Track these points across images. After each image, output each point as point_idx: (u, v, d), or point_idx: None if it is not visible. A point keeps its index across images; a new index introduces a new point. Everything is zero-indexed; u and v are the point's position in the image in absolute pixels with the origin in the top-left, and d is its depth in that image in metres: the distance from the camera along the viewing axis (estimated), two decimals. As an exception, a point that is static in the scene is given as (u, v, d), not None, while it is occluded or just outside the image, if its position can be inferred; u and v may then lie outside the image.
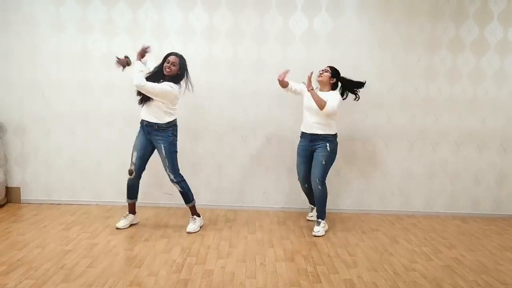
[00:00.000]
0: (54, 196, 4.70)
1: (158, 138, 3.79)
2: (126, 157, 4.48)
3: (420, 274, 3.24)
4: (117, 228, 3.93)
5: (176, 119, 3.89)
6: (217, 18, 4.51)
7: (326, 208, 4.09)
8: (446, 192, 4.88)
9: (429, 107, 4.73)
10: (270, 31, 4.56)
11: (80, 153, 4.66)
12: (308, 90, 3.90)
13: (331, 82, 4.02)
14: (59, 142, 4.64)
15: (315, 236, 3.95)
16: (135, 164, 3.88)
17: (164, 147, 3.79)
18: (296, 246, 3.73)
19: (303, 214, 4.65)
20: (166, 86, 3.65)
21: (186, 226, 4.03)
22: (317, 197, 4.05)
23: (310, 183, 4.11)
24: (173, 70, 3.70)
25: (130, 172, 3.90)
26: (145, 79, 3.62)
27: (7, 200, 4.64)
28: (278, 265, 3.30)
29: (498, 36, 4.65)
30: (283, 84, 4.09)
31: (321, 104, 3.82)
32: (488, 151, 4.84)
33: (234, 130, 4.68)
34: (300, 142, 4.19)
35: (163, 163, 3.86)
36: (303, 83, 3.98)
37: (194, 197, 4.04)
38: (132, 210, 4.05)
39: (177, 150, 3.90)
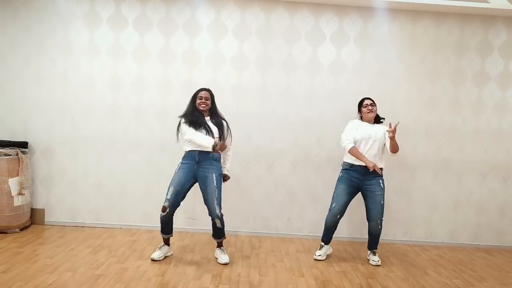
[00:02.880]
0: (78, 218, 4.68)
1: (209, 168, 3.70)
2: (151, 181, 4.51)
3: (457, 308, 3.18)
4: (152, 260, 3.76)
5: None
6: (247, 46, 4.58)
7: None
8: (471, 224, 4.84)
9: (454, 137, 4.74)
10: (299, 60, 4.61)
11: (106, 177, 4.66)
12: (390, 137, 3.80)
13: None
14: (86, 165, 4.64)
15: (376, 265, 4.00)
16: (169, 201, 3.67)
17: (215, 177, 3.68)
18: (326, 276, 3.67)
19: (328, 242, 4.61)
20: (227, 127, 3.87)
21: (212, 252, 3.98)
22: (376, 236, 4.05)
23: (342, 215, 4.01)
24: (208, 104, 3.78)
25: (164, 209, 3.66)
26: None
27: (31, 222, 4.62)
28: (312, 295, 3.25)
29: (523, 70, 4.71)
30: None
31: (398, 146, 3.86)
32: (513, 183, 4.83)
33: (260, 157, 4.69)
34: (350, 172, 3.99)
35: (209, 196, 3.65)
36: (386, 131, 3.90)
37: None
38: (167, 242, 3.93)
39: None
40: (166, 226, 3.79)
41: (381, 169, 3.92)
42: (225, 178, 3.92)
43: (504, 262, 4.40)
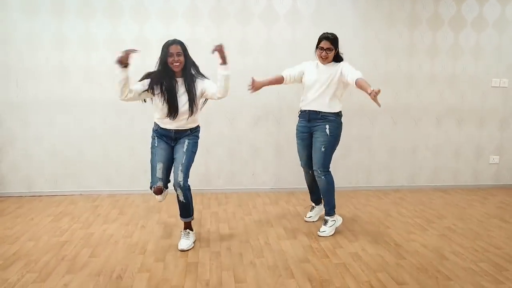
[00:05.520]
0: (35, 188, 4.51)
1: (185, 138, 3.24)
2: (109, 143, 4.40)
3: (420, 244, 3.35)
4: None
5: None
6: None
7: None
8: (429, 166, 5.06)
9: (411, 83, 4.85)
10: (254, 9, 4.51)
11: (60, 142, 4.49)
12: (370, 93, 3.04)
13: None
14: (37, 131, 4.43)
15: (320, 236, 3.47)
16: (162, 180, 3.24)
17: (188, 142, 3.21)
18: (295, 225, 3.76)
19: (293, 194, 4.71)
20: (209, 82, 3.22)
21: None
22: (321, 188, 3.57)
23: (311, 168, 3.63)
24: (182, 61, 3.09)
25: (159, 191, 3.26)
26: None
27: (-17, 195, 4.42)
28: (283, 244, 3.32)
29: (475, 13, 4.82)
30: (257, 88, 3.55)
31: (366, 83, 3.17)
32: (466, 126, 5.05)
33: (221, 113, 4.64)
34: (299, 121, 3.67)
35: (176, 161, 3.19)
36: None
37: None
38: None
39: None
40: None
41: (336, 113, 3.47)
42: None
43: (460, 199, 4.66)
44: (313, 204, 3.91)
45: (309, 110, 3.53)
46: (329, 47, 3.42)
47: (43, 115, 4.41)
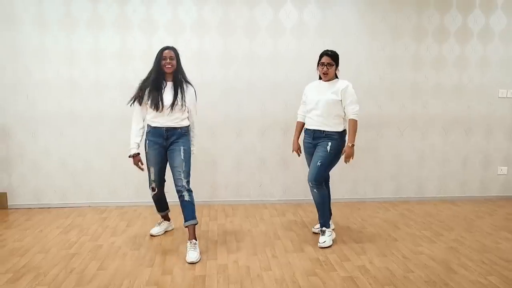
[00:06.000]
0: (43, 200, 4.56)
1: (178, 141, 3.43)
2: (117, 156, 4.44)
3: (428, 256, 3.34)
4: (151, 235, 3.75)
5: None
6: (207, 11, 4.49)
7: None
8: (436, 177, 5.06)
9: (417, 94, 4.87)
10: (261, 23, 4.57)
11: (69, 154, 4.54)
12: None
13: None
14: (47, 144, 4.49)
15: (321, 247, 3.50)
16: (155, 181, 3.54)
17: (184, 149, 3.41)
18: (302, 237, 3.76)
19: (300, 206, 4.72)
20: (194, 95, 3.54)
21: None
22: (314, 201, 3.63)
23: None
24: (173, 65, 3.37)
25: (153, 190, 3.57)
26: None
27: (-7, 207, 4.47)
28: (290, 256, 3.33)
29: (480, 24, 4.84)
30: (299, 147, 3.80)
31: (355, 130, 3.51)
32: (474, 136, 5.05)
33: (228, 125, 4.68)
34: (305, 138, 3.73)
35: (175, 169, 3.38)
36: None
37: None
38: (166, 218, 3.87)
39: None
40: (160, 204, 3.74)
41: (339, 132, 3.54)
42: None
43: (469, 211, 4.64)
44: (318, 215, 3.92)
45: (313, 129, 3.60)
46: (330, 62, 3.50)
47: (52, 128, 4.47)
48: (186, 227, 3.39)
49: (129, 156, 3.49)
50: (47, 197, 4.57)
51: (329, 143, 3.51)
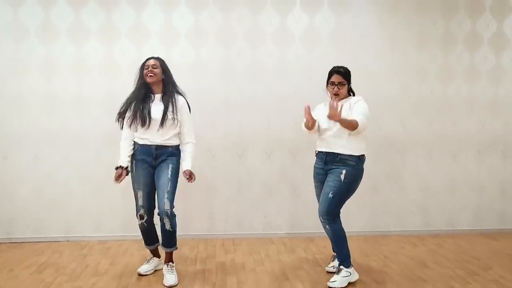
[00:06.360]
0: (15, 233, 4.53)
1: (167, 160, 3.51)
2: (102, 181, 4.42)
3: (463, 301, 3.27)
4: (139, 274, 3.66)
5: None
6: (204, 17, 4.53)
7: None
8: (470, 207, 5.00)
9: (446, 110, 4.85)
10: (266, 30, 4.59)
11: (45, 181, 4.53)
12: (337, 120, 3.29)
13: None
14: (19, 169, 4.49)
15: (330, 287, 3.43)
16: (143, 207, 3.55)
17: (172, 168, 3.49)
18: (314, 277, 3.70)
19: (312, 241, 4.66)
20: (186, 106, 3.60)
21: (176, 260, 3.91)
22: (330, 237, 3.58)
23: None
24: (156, 74, 3.45)
25: (141, 217, 3.57)
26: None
27: (-43, 241, 4.44)
28: (301, 300, 3.27)
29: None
30: (311, 124, 3.46)
31: (352, 125, 3.32)
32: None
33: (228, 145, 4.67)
34: (316, 163, 3.72)
35: (159, 189, 3.46)
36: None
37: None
38: (155, 253, 3.83)
39: None
40: (149, 236, 3.71)
41: (357, 157, 3.47)
42: (190, 176, 3.60)
43: (509, 246, 4.57)
44: (335, 253, 3.83)
45: (326, 152, 3.54)
46: (341, 81, 3.48)
47: (27, 150, 4.47)
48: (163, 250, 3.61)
49: (116, 168, 3.48)
50: (19, 230, 4.54)
51: (343, 171, 3.43)
